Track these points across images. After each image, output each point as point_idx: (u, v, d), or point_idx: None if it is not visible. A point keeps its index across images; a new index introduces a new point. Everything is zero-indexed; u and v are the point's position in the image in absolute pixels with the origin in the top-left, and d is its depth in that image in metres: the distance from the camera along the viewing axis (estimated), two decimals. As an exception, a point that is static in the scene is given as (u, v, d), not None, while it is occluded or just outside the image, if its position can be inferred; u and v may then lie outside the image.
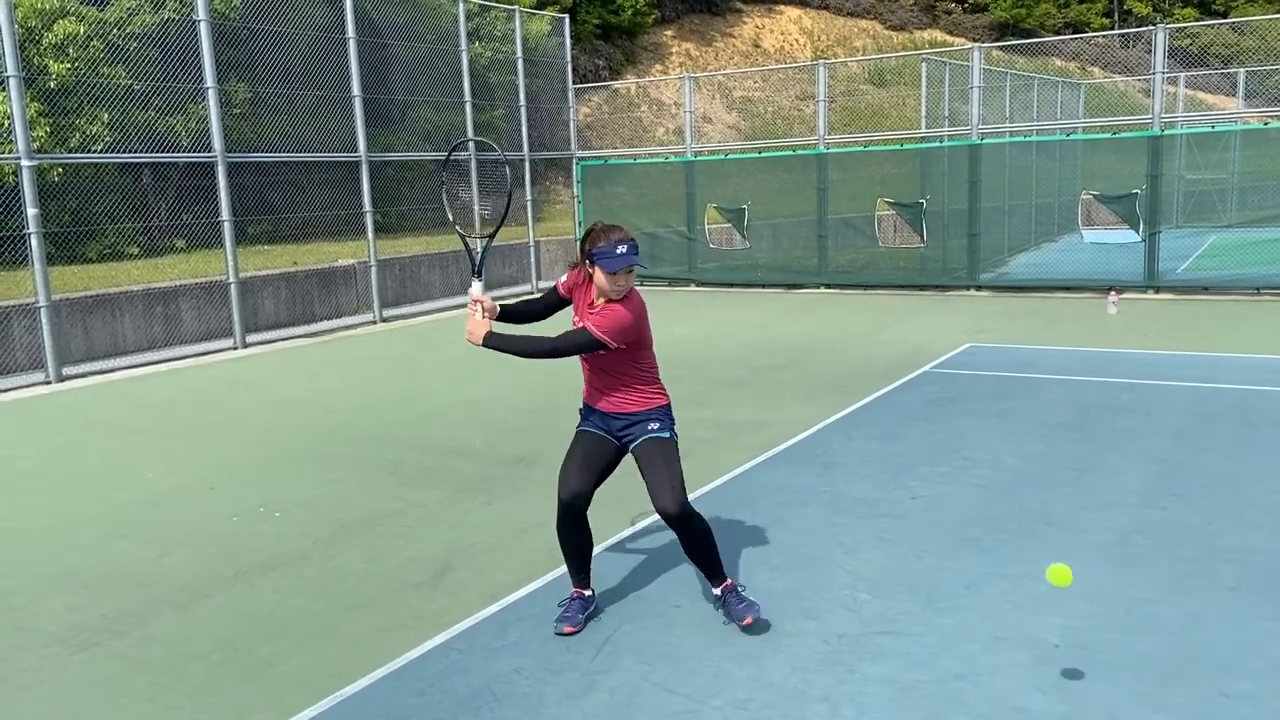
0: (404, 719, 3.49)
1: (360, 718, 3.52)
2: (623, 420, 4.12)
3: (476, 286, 4.04)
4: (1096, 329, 11.25)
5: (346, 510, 5.86)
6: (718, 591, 4.15)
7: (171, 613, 4.51)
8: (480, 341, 3.96)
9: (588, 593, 4.25)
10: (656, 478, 4.00)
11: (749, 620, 4.00)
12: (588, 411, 4.23)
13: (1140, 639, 3.87)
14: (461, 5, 15.77)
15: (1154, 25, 14.46)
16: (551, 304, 4.27)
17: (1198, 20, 37.23)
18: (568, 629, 4.09)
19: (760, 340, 11.36)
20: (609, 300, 3.98)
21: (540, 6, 24.10)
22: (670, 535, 5.17)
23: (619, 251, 3.88)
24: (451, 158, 4.11)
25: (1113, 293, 12.77)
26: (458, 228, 4.32)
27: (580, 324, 4.01)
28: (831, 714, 3.41)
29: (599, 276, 3.95)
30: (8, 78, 10.21)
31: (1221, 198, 20.59)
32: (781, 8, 40.98)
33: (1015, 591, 4.33)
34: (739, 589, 4.17)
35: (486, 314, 4.01)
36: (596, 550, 5.02)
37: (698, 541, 4.08)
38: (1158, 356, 9.50)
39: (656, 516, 5.45)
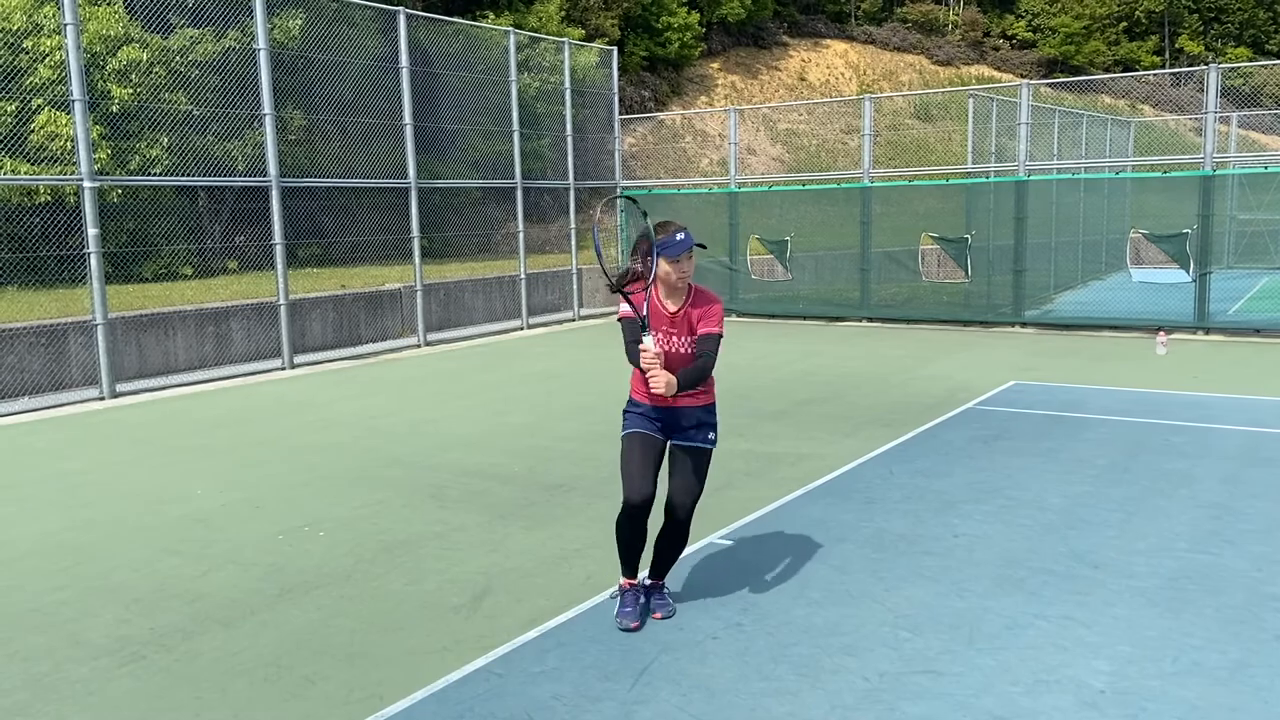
0: (443, 741, 3.52)
1: (400, 739, 3.55)
2: (685, 417, 4.39)
3: (648, 340, 4.18)
4: (1145, 369, 11.09)
5: (389, 531, 5.93)
6: (649, 582, 4.65)
7: (218, 628, 4.59)
8: (675, 390, 4.21)
9: (637, 581, 4.58)
10: (687, 481, 4.41)
11: (658, 615, 4.53)
12: (641, 411, 4.41)
13: (1186, 686, 3.80)
14: (512, 37, 16.04)
15: (1206, 64, 14.32)
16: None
17: (1250, 60, 36.82)
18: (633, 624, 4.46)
19: (801, 373, 11.34)
20: (680, 291, 4.30)
21: (589, 39, 24.44)
22: (705, 564, 5.18)
23: (678, 238, 4.23)
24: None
25: (1161, 333, 12.59)
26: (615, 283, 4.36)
27: (706, 331, 4.31)
28: (870, 752, 3.39)
29: (663, 267, 4.24)
30: (73, 101, 10.54)
31: (1274, 239, 20.26)
32: (828, 42, 41.18)
33: (1060, 634, 4.28)
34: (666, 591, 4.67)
35: (656, 359, 4.18)
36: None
37: (679, 542, 4.55)
38: (1208, 399, 9.35)
39: (691, 549, 5.47)
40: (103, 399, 10.69)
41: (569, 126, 17.17)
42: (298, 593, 5.00)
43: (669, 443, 4.42)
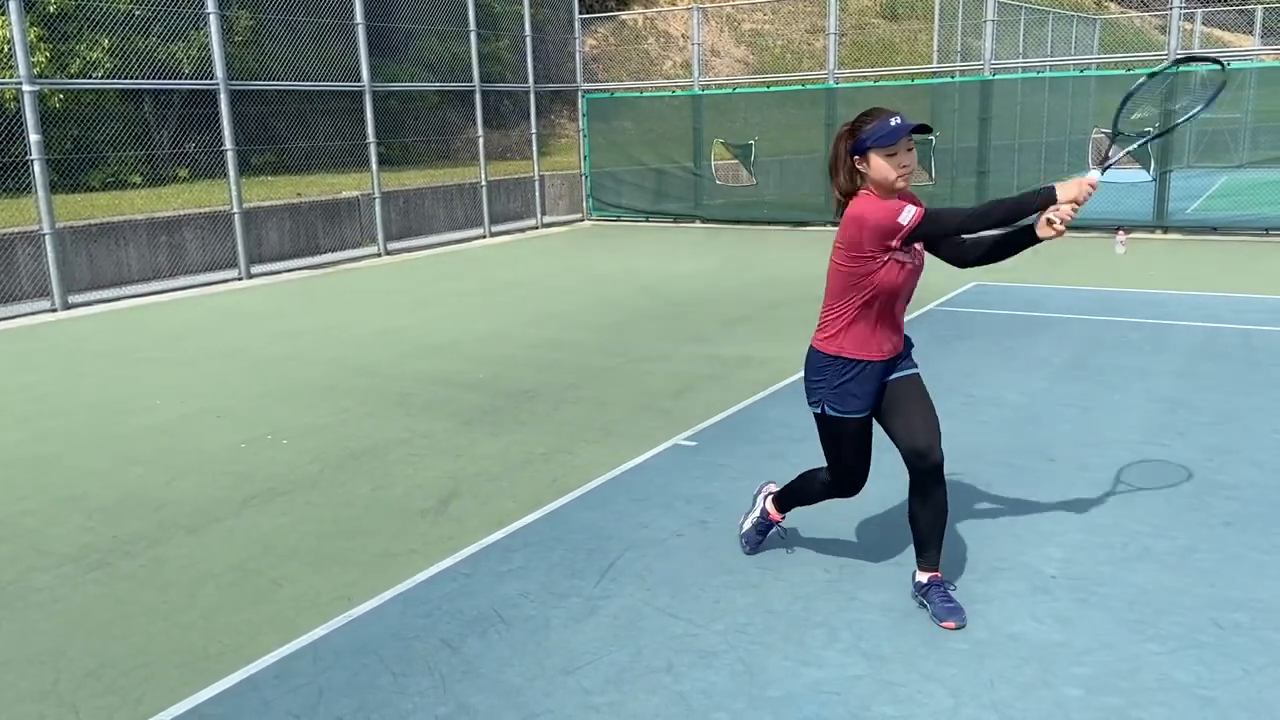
0: (412, 639, 3.56)
1: (368, 637, 3.59)
2: (893, 361, 3.59)
3: (1095, 173, 3.50)
4: (1103, 268, 11.20)
5: (354, 439, 5.91)
6: (924, 579, 3.65)
7: (183, 535, 4.59)
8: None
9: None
10: (927, 408, 3.55)
11: (951, 625, 3.52)
12: (861, 373, 3.54)
13: (1136, 570, 3.92)
14: (466, -69, 15.43)
15: (1174, -41, 14.13)
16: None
17: (1218, -45, 36.36)
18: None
19: (766, 278, 11.33)
20: (894, 199, 3.38)
21: (546, -66, 23.59)
22: (669, 465, 5.22)
23: (893, 123, 3.33)
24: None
25: (1120, 232, 12.67)
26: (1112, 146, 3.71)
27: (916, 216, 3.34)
28: (830, 639, 3.48)
29: (878, 165, 3.35)
30: (8, 0, 10.05)
31: (1234, 138, 20.33)
32: (793, -62, 40.09)
33: (1014, 524, 4.39)
34: (948, 586, 3.68)
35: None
36: (600, 480, 5.09)
37: (938, 504, 3.59)
38: (1164, 296, 9.48)
39: (656, 450, 5.52)
40: (55, 310, 10.47)
41: (528, 26, 16.68)
42: (263, 499, 5.00)
43: (886, 384, 3.60)
